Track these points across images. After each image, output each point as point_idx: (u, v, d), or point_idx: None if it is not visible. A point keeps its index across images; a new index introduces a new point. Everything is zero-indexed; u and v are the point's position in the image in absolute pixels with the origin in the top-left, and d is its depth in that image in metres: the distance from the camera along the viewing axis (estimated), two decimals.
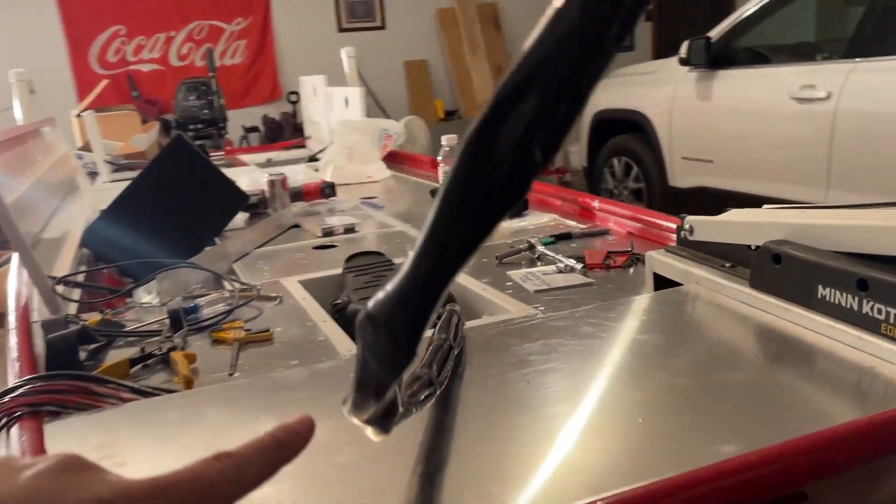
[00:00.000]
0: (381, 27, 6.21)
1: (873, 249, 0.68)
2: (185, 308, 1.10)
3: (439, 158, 1.84)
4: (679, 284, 0.97)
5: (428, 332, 0.83)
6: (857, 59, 3.01)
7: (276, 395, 0.71)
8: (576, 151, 6.25)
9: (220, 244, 1.61)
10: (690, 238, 1.00)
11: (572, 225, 1.57)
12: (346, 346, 0.96)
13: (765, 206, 0.99)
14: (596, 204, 1.60)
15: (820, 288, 0.74)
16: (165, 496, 0.24)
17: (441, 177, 1.84)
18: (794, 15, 3.96)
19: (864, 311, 0.68)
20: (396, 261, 1.36)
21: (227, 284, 1.27)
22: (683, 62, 3.70)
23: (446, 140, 1.84)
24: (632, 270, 1.23)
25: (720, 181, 3.65)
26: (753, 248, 0.88)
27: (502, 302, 1.09)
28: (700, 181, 3.79)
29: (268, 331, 1.03)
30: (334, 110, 3.27)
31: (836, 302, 0.71)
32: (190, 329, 1.06)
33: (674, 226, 1.36)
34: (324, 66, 3.96)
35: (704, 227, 0.97)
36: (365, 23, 6.13)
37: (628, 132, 4.33)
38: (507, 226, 1.64)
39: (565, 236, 1.45)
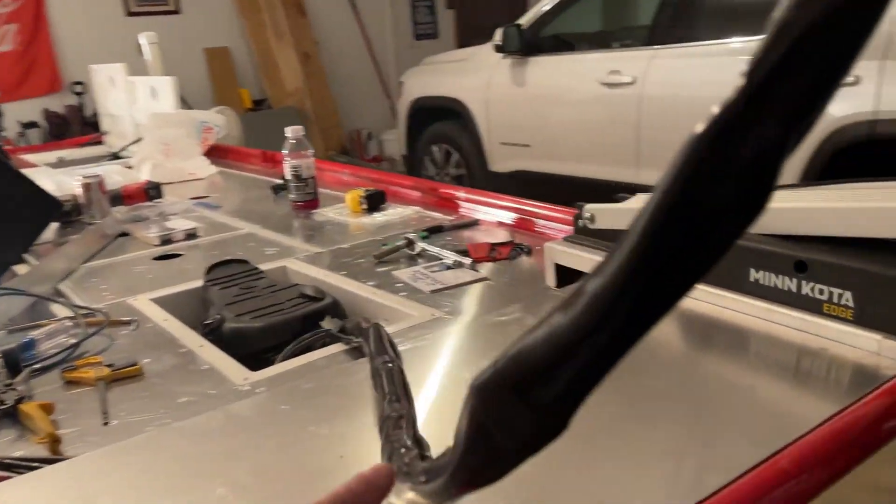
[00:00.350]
0: (176, 11, 5.75)
1: (808, 231, 0.70)
2: (20, 344, 0.91)
3: (285, 152, 1.71)
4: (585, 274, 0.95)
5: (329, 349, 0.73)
6: (656, 46, 3.24)
7: (196, 451, 0.58)
8: (392, 139, 6.24)
9: (38, 263, 1.37)
10: (591, 226, 0.98)
11: (438, 217, 1.52)
12: (238, 374, 0.83)
13: None
14: (461, 194, 1.56)
15: (752, 271, 0.74)
16: None
17: (287, 171, 1.71)
18: (587, 5, 4.19)
19: (803, 293, 0.69)
20: (263, 267, 1.23)
21: (63, 310, 1.08)
22: (499, 49, 3.78)
23: (292, 132, 1.71)
24: (518, 261, 1.20)
25: (538, 164, 3.79)
26: None
27: (400, 306, 1.01)
28: (519, 165, 3.91)
29: (136, 364, 0.87)
30: (139, 102, 2.96)
31: (772, 285, 0.72)
32: (32, 371, 0.87)
33: (546, 212, 1.36)
34: (112, 54, 3.57)
35: (608, 214, 0.95)
36: (157, 6, 5.64)
37: (446, 119, 4.37)
38: (371, 221, 1.55)
39: (437, 229, 1.40)
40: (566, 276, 1.00)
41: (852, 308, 0.65)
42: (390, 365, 0.60)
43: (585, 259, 0.95)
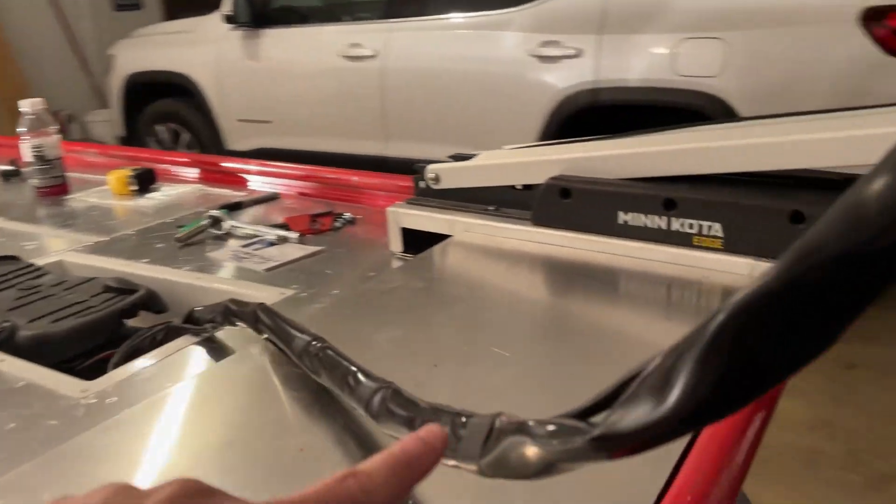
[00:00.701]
0: None
1: (675, 171, 0.75)
2: None
3: (22, 130, 1.43)
4: (436, 236, 0.94)
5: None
6: (394, 20, 3.28)
7: (104, 477, 0.46)
8: (99, 121, 5.60)
9: None
10: (435, 187, 0.96)
11: (226, 193, 1.39)
12: (71, 387, 0.68)
13: (505, 146, 1.01)
14: (251, 167, 1.44)
15: (621, 214, 0.78)
16: None
17: (27, 153, 1.44)
18: None
19: (673, 229, 0.75)
20: (41, 263, 1.02)
21: None
22: (230, 20, 3.56)
23: (30, 106, 1.44)
24: (344, 231, 1.14)
25: (282, 141, 3.66)
26: (520, 187, 0.89)
27: (239, 289, 0.90)
28: (261, 143, 3.74)
29: None
30: None
31: (642, 225, 0.77)
32: None
33: (349, 178, 1.31)
34: None
35: (455, 173, 0.94)
36: None
37: (170, 96, 4.03)
38: (146, 203, 1.37)
39: (236, 206, 1.28)
40: (412, 239, 0.97)
41: (721, 238, 0.72)
42: (319, 344, 0.53)
43: (435, 220, 0.93)
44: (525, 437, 0.30)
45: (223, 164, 1.50)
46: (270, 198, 1.34)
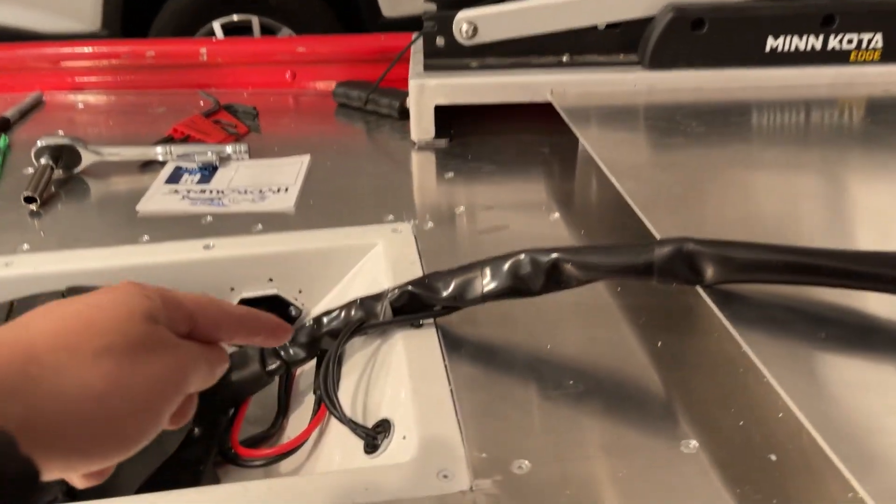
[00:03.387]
0: None
1: None
2: None
3: None
4: (470, 109, 0.70)
5: None
6: None
7: None
8: None
9: None
10: (468, 43, 0.70)
11: None
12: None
13: None
14: None
15: (770, 39, 0.69)
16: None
17: None
18: None
19: (829, 48, 0.69)
20: None
21: None
22: None
23: None
24: (267, 129, 0.76)
25: None
26: (604, 27, 0.71)
27: (317, 242, 0.54)
28: None
29: None
30: None
31: (793, 49, 0.69)
32: None
33: (192, 48, 0.89)
34: None
35: (505, 20, 0.69)
36: None
37: None
38: None
39: (4, 125, 0.74)
40: (444, 115, 0.71)
41: (881, 49, 0.69)
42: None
43: (499, 86, 0.69)
44: None
45: None
46: (35, 104, 0.81)
